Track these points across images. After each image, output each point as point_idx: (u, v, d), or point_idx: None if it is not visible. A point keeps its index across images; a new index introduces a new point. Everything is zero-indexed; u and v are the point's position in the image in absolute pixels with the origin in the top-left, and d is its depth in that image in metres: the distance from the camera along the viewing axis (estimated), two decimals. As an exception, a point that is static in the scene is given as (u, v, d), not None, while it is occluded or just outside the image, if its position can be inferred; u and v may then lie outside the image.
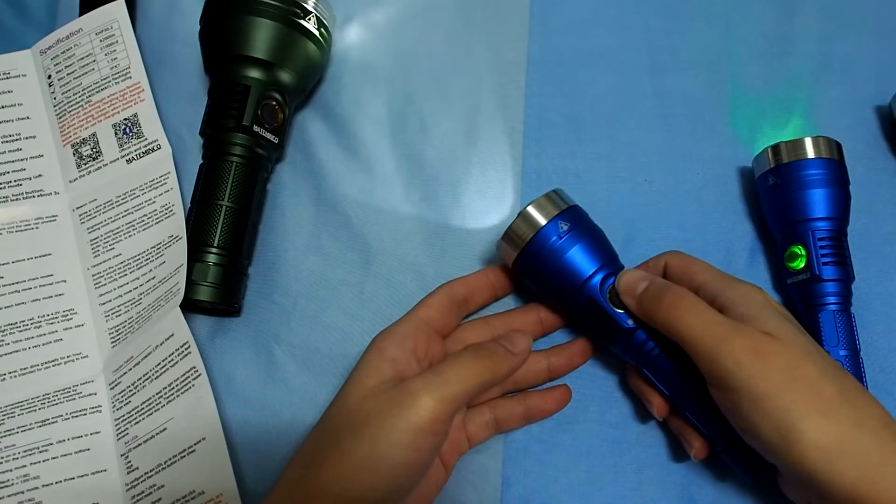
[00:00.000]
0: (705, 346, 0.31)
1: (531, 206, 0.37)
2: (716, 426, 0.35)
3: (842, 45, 0.47)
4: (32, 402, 0.41)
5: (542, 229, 0.36)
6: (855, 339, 0.38)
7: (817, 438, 0.29)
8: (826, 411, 0.29)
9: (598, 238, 0.37)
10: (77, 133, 0.45)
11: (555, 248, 0.36)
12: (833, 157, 0.40)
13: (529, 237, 0.36)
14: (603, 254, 0.37)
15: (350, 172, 0.46)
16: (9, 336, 0.42)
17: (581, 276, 0.36)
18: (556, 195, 0.38)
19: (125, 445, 0.40)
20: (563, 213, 0.37)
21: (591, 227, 0.38)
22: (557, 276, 0.36)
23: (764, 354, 0.30)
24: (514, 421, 0.39)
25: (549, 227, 0.36)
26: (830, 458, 0.28)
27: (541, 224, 0.36)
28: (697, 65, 0.47)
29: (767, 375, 0.30)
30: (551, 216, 0.36)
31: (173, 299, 0.39)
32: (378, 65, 0.48)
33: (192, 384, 0.38)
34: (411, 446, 0.30)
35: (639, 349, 0.36)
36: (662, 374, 0.36)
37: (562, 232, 0.36)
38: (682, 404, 0.36)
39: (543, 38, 0.48)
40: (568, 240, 0.36)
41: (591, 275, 0.36)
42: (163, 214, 0.43)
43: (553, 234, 0.36)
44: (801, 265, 0.39)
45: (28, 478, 0.39)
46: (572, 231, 0.36)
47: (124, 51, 0.46)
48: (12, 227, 0.44)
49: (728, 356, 0.30)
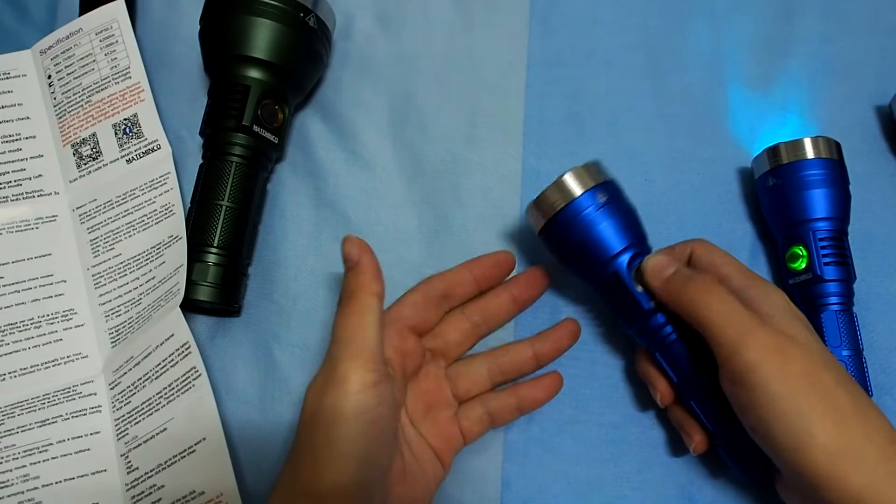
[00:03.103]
0: (729, 336, 0.31)
1: (568, 175, 0.36)
2: (719, 419, 0.35)
3: (842, 45, 0.47)
4: (32, 402, 0.41)
5: (575, 199, 0.36)
6: (858, 339, 0.38)
7: (828, 444, 0.29)
8: (839, 420, 0.29)
9: (631, 216, 0.37)
10: (77, 133, 0.45)
11: (587, 219, 0.36)
12: (833, 156, 0.40)
13: (561, 206, 0.36)
14: (634, 232, 0.36)
15: (350, 172, 0.46)
16: (9, 336, 0.42)
17: (609, 252, 0.36)
18: (594, 167, 0.37)
19: (125, 445, 0.40)
20: (599, 185, 0.36)
21: (627, 203, 0.37)
22: (585, 249, 0.36)
23: (786, 355, 0.30)
24: (508, 413, 0.38)
25: (584, 197, 0.36)
26: (839, 464, 0.29)
27: (575, 194, 0.36)
28: (697, 65, 0.47)
29: (787, 376, 0.30)
30: (587, 187, 0.36)
31: (173, 299, 0.39)
32: (378, 65, 0.48)
33: (193, 384, 0.38)
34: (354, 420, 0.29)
35: (654, 332, 0.36)
36: (674, 359, 0.36)
37: (598, 203, 0.36)
38: (688, 393, 0.36)
39: (543, 38, 0.48)
40: (602, 213, 0.36)
41: (619, 252, 0.36)
42: (163, 214, 0.43)
43: (587, 205, 0.36)
44: (803, 266, 0.39)
45: (28, 478, 0.39)
46: (607, 205, 0.36)
47: (124, 51, 0.46)
48: (12, 227, 0.44)
49: (751, 350, 0.30)
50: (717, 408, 0.35)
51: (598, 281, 0.37)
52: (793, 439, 0.29)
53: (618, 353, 0.42)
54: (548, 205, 0.36)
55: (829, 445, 0.29)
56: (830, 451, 0.29)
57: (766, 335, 0.31)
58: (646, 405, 0.41)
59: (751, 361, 0.30)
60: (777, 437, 0.30)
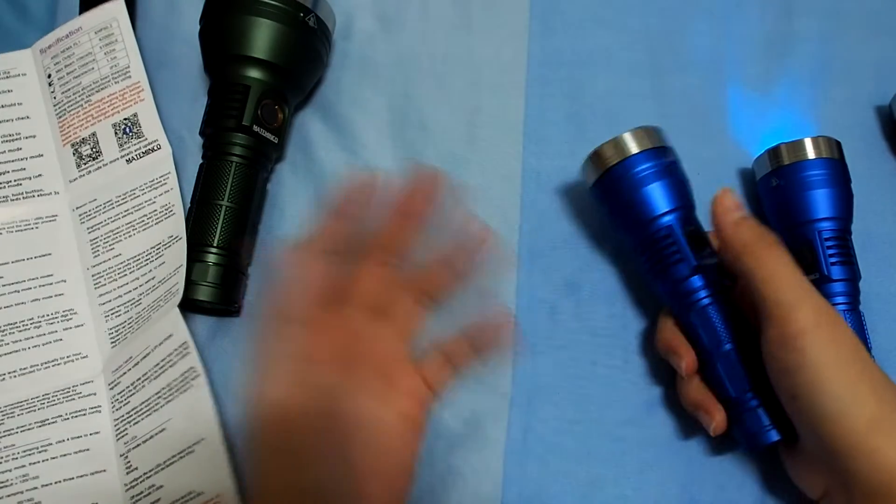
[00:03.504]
0: (786, 297, 0.32)
1: (627, 133, 0.38)
2: (743, 388, 0.35)
3: (842, 45, 0.47)
4: (32, 402, 0.41)
5: (631, 156, 0.37)
6: (866, 337, 0.38)
7: (871, 414, 0.30)
8: (880, 395, 0.30)
9: (685, 183, 0.38)
10: (77, 133, 0.45)
11: (642, 175, 0.37)
12: (834, 156, 0.40)
13: (615, 161, 0.37)
14: (687, 197, 0.38)
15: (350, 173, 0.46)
16: (8, 336, 0.42)
17: (661, 209, 0.37)
18: (654, 132, 0.38)
19: (124, 446, 0.39)
20: (656, 148, 0.38)
21: (681, 171, 0.39)
22: (638, 203, 0.37)
23: (837, 325, 0.32)
24: (464, 356, 0.34)
25: (640, 156, 0.37)
26: (878, 435, 0.30)
27: (631, 151, 0.37)
28: (697, 65, 0.47)
29: (839, 345, 0.31)
30: (645, 147, 0.37)
31: (172, 299, 0.39)
32: (378, 65, 0.48)
33: (191, 384, 0.38)
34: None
35: (691, 293, 0.36)
36: (705, 322, 0.36)
37: (657, 163, 0.37)
38: (716, 358, 0.36)
39: (543, 38, 0.48)
40: (658, 172, 0.37)
41: (672, 209, 0.37)
42: (163, 215, 0.43)
43: (643, 163, 0.37)
44: (809, 266, 0.39)
45: (27, 478, 0.39)
46: (664, 165, 0.37)
47: (124, 50, 0.46)
48: (12, 227, 0.44)
49: (809, 313, 0.31)
50: (742, 376, 0.35)
51: (643, 237, 0.38)
52: (837, 407, 0.30)
53: (618, 353, 0.42)
54: (601, 160, 0.38)
55: (872, 416, 0.30)
56: (871, 422, 0.30)
57: (822, 303, 0.32)
58: (647, 405, 0.41)
59: (807, 325, 0.31)
60: (820, 404, 0.30)
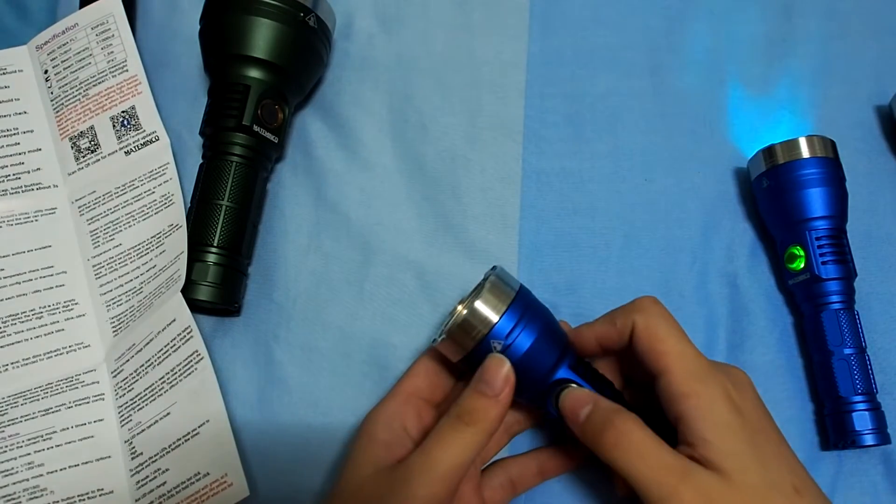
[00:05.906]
0: (654, 495, 0.29)
1: (479, 301, 0.31)
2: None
3: (842, 45, 0.47)
4: (35, 391, 0.41)
5: (494, 327, 0.31)
6: (860, 336, 0.38)
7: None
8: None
9: (549, 325, 0.33)
10: (74, 126, 0.45)
11: (509, 350, 0.32)
12: (828, 155, 0.40)
13: (481, 336, 0.31)
14: (556, 345, 0.33)
15: (350, 172, 0.46)
16: (10, 327, 0.42)
17: (541, 385, 0.33)
18: (498, 280, 0.33)
19: (129, 432, 0.40)
20: (513, 303, 0.32)
21: (541, 311, 0.33)
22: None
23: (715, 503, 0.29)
24: (530, 479, 0.37)
25: (502, 323, 0.31)
26: None
27: (493, 321, 0.31)
28: (697, 65, 0.47)
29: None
30: (501, 311, 0.32)
31: (174, 286, 0.39)
32: (378, 65, 0.48)
33: (195, 367, 0.38)
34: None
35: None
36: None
37: (505, 341, 0.31)
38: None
39: (543, 38, 0.48)
40: (512, 350, 0.32)
41: (545, 375, 0.33)
42: (162, 204, 0.43)
43: (505, 332, 0.31)
44: (801, 266, 0.39)
45: (33, 465, 0.39)
46: (524, 326, 0.32)
47: (120, 44, 0.46)
48: (12, 220, 0.44)
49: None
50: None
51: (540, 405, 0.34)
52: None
53: (618, 353, 0.42)
54: (462, 338, 0.32)
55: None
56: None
57: (693, 490, 0.29)
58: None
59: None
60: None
